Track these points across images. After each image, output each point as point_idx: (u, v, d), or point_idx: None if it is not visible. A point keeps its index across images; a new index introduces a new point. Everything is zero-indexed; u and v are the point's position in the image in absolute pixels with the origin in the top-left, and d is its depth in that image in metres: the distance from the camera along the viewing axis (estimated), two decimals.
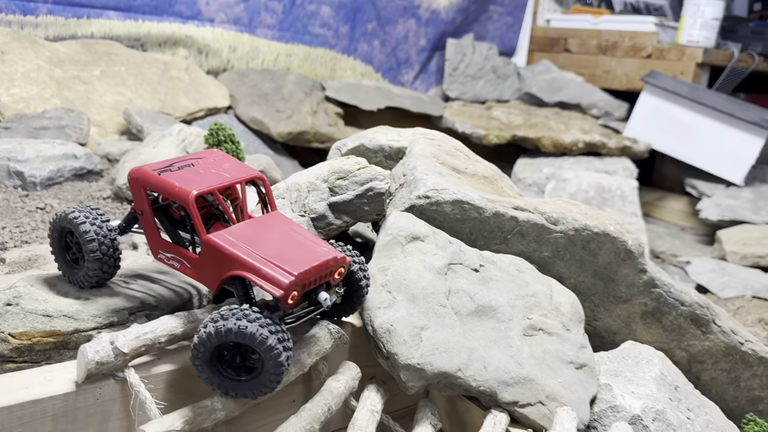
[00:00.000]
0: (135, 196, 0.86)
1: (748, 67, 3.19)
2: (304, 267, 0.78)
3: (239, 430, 0.90)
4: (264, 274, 0.76)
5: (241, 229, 0.83)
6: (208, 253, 0.80)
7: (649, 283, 1.13)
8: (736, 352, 1.16)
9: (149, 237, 0.86)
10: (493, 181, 1.32)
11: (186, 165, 0.87)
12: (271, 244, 0.81)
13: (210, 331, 0.71)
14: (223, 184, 0.85)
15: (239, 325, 0.71)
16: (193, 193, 0.80)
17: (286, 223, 0.87)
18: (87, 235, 0.87)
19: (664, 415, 0.97)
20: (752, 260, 2.35)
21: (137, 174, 0.85)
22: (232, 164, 0.90)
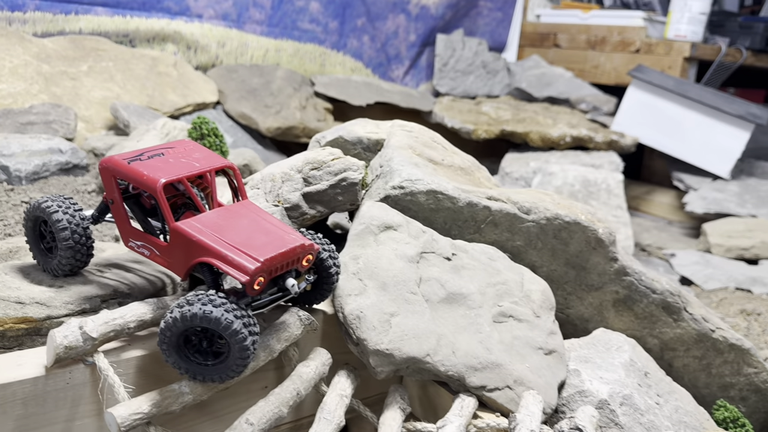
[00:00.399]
0: (106, 185, 0.87)
1: (735, 62, 3.20)
2: (271, 253, 0.79)
3: (212, 415, 0.91)
4: (230, 261, 0.77)
5: (209, 217, 0.84)
6: (177, 240, 0.81)
7: (620, 271, 1.15)
8: (708, 339, 1.18)
9: (120, 225, 0.88)
10: (470, 172, 1.33)
11: (156, 154, 0.88)
12: (239, 232, 0.82)
13: (176, 316, 0.73)
14: (191, 173, 0.86)
15: (204, 310, 0.72)
16: (161, 182, 0.81)
17: (256, 211, 0.88)
18: (60, 224, 0.88)
19: (631, 399, 0.99)
20: (736, 252, 2.37)
21: (108, 163, 0.86)
22: (203, 154, 0.91)
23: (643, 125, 2.84)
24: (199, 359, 0.77)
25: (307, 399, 0.99)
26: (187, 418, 0.88)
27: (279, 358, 0.93)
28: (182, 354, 0.76)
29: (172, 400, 0.75)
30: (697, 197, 2.66)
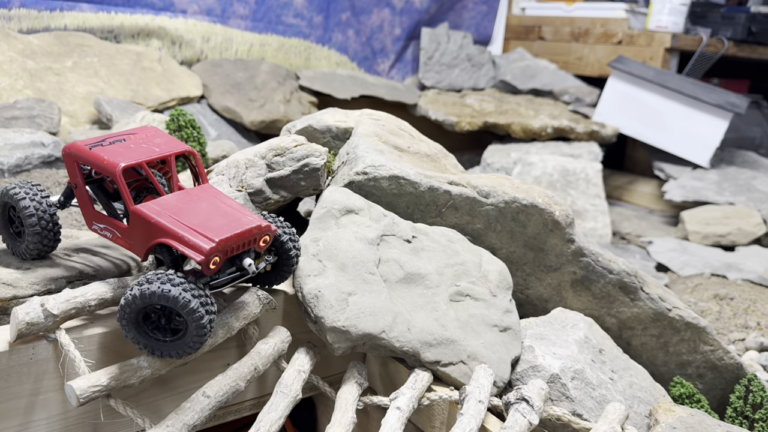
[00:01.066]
0: (69, 170, 0.90)
1: (717, 52, 3.23)
2: (226, 234, 0.82)
3: (174, 392, 0.95)
4: (186, 241, 0.80)
5: (168, 200, 0.87)
6: (136, 222, 0.84)
7: (577, 252, 1.18)
8: (664, 318, 1.21)
9: (83, 209, 0.91)
10: (436, 159, 1.37)
11: (118, 140, 0.90)
12: (197, 214, 0.85)
13: (135, 293, 0.76)
14: (151, 158, 0.89)
15: (162, 288, 0.76)
16: (121, 166, 0.84)
17: (216, 195, 0.91)
18: (27, 210, 0.91)
19: (583, 374, 1.02)
20: (713, 239, 2.41)
21: (70, 149, 0.89)
22: (164, 139, 0.94)
23: (624, 115, 2.88)
24: (158, 335, 0.80)
25: (270, 377, 1.03)
26: (150, 394, 0.91)
27: (240, 337, 0.97)
28: (141, 330, 0.80)
29: (130, 374, 0.78)
30: (677, 186, 2.70)
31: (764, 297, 2.06)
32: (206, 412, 0.80)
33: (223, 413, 0.99)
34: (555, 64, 3.45)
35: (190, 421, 0.78)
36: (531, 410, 0.85)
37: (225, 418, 0.99)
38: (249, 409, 1.02)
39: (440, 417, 0.97)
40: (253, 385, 1.01)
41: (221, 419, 0.99)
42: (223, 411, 0.99)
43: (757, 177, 2.80)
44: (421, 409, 0.98)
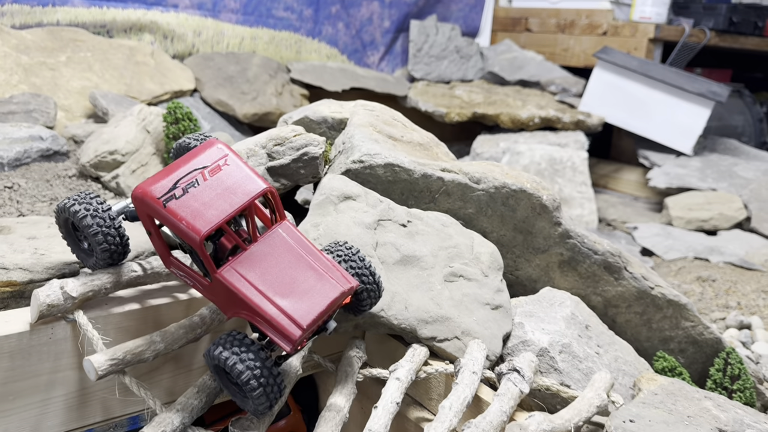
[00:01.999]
0: (141, 217, 0.82)
1: (699, 42, 3.31)
2: (314, 314, 0.77)
3: (185, 369, 1.00)
4: (275, 326, 0.76)
5: (251, 261, 0.80)
6: (220, 285, 0.78)
7: (564, 234, 1.24)
8: (647, 296, 1.28)
9: (160, 254, 0.84)
10: (428, 148, 1.42)
11: (191, 184, 0.80)
12: (281, 280, 0.79)
13: (210, 353, 0.76)
14: (231, 214, 0.79)
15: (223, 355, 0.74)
16: (202, 234, 0.76)
17: (298, 242, 0.84)
18: (91, 229, 0.83)
19: (570, 348, 1.08)
20: (696, 224, 2.48)
21: (143, 200, 0.79)
22: (238, 177, 0.83)
23: (609, 105, 2.94)
24: (232, 388, 0.80)
25: None
26: (162, 371, 0.96)
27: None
28: (221, 377, 0.80)
29: (145, 348, 0.83)
30: (661, 173, 2.77)
31: (744, 278, 2.14)
32: (213, 396, 0.85)
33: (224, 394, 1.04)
34: (542, 56, 3.51)
35: (198, 404, 0.83)
36: (522, 380, 0.91)
37: (227, 397, 1.04)
38: None
39: (437, 390, 1.03)
40: None
41: (224, 397, 1.04)
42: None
43: (739, 163, 2.88)
44: (418, 383, 1.03)
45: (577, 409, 0.88)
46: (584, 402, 0.89)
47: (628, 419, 0.84)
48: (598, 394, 0.92)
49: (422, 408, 1.07)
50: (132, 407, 0.94)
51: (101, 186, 1.73)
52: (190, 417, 0.80)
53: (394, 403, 0.89)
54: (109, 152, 1.71)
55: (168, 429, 0.76)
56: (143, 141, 1.76)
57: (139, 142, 1.75)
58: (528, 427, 0.80)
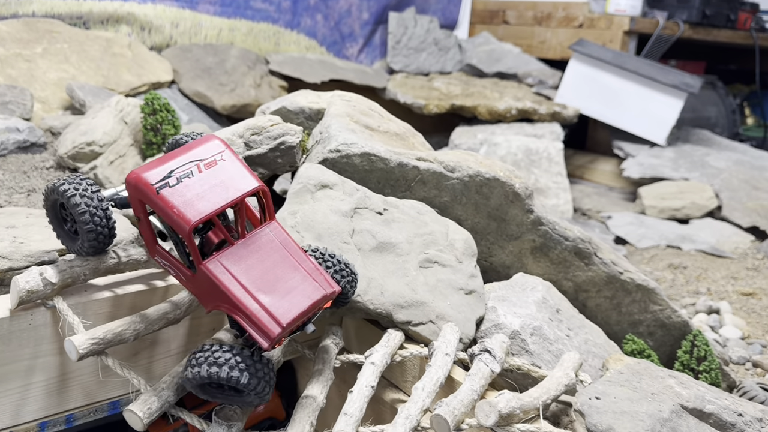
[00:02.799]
0: (133, 202, 0.81)
1: (673, 35, 3.36)
2: (294, 314, 0.78)
3: (168, 353, 1.01)
4: (255, 321, 0.76)
5: (237, 256, 0.80)
6: (204, 276, 0.78)
7: (536, 221, 1.28)
8: (616, 280, 1.32)
9: (147, 241, 0.84)
10: (405, 137, 1.44)
11: (185, 175, 0.80)
12: (265, 278, 0.80)
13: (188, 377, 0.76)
14: (222, 207, 0.80)
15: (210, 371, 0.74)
16: (191, 224, 0.76)
17: (285, 243, 0.85)
18: (78, 207, 0.83)
19: (541, 330, 1.12)
20: (669, 213, 2.54)
21: (136, 185, 0.79)
22: (233, 172, 0.83)
23: (585, 97, 2.99)
24: (225, 393, 0.80)
25: None
26: (145, 356, 0.98)
27: None
28: (209, 392, 0.80)
29: (125, 327, 0.84)
30: (635, 163, 2.82)
31: (715, 266, 2.20)
32: None
33: None
34: (519, 48, 3.55)
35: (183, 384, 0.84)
36: (493, 360, 0.94)
37: None
38: None
39: (412, 372, 1.06)
40: None
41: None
42: None
43: (711, 154, 2.94)
44: (394, 366, 1.06)
45: (545, 387, 0.91)
46: (553, 381, 0.93)
47: (594, 396, 0.87)
48: (566, 374, 0.95)
49: (398, 390, 1.09)
50: (112, 392, 0.96)
51: None
52: (175, 396, 0.81)
53: (369, 387, 0.91)
54: (86, 143, 1.71)
55: (153, 407, 0.78)
56: (121, 132, 1.76)
57: (117, 133, 1.75)
58: (497, 404, 0.83)
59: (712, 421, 0.90)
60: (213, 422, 0.81)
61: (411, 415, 0.85)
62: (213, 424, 0.81)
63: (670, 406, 0.87)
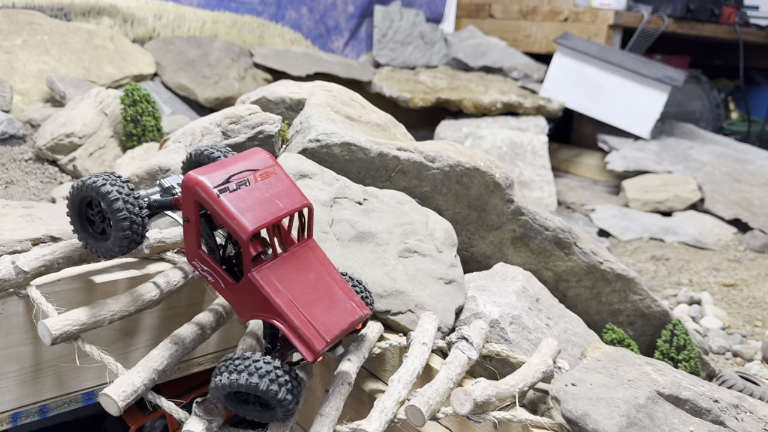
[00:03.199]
0: (186, 203, 0.80)
1: (658, 29, 3.37)
2: (337, 331, 0.80)
3: (144, 344, 1.00)
4: (300, 335, 0.77)
5: (282, 269, 0.81)
6: (248, 286, 0.78)
7: (516, 211, 1.28)
8: (596, 270, 1.32)
9: (188, 243, 0.82)
10: (386, 128, 1.44)
11: (243, 182, 0.81)
12: (307, 293, 0.81)
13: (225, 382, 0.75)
14: (276, 217, 0.80)
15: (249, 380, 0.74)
16: (250, 231, 0.76)
17: (322, 261, 0.87)
18: (120, 213, 0.80)
19: (520, 320, 1.12)
20: (652, 206, 2.55)
21: (195, 187, 0.78)
22: (284, 186, 0.85)
23: (569, 90, 2.99)
24: (249, 406, 0.80)
25: (231, 332, 1.10)
26: (120, 346, 0.97)
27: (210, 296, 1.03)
28: (233, 404, 0.79)
29: (99, 310, 0.83)
30: (618, 156, 2.83)
31: (697, 257, 2.21)
32: (174, 358, 0.85)
33: (186, 365, 1.05)
34: (505, 42, 3.55)
35: (159, 367, 0.83)
36: (470, 347, 0.94)
37: (189, 369, 1.06)
38: (211, 362, 1.08)
39: (391, 362, 1.06)
40: (216, 338, 1.08)
41: (185, 371, 1.05)
42: (186, 363, 1.05)
43: (694, 147, 2.96)
44: (373, 357, 1.05)
45: (522, 374, 0.91)
46: (530, 368, 0.93)
47: (570, 383, 0.87)
48: (544, 360, 0.95)
49: (378, 380, 1.09)
50: (86, 383, 0.95)
51: (58, 169, 1.72)
52: (151, 380, 0.80)
53: (346, 384, 0.90)
54: (65, 135, 1.69)
55: (129, 389, 0.76)
56: (101, 123, 1.74)
57: (97, 124, 1.73)
58: (473, 392, 0.82)
59: (688, 407, 0.90)
60: (193, 415, 0.79)
61: (386, 408, 0.84)
62: (193, 417, 0.79)
63: (646, 392, 0.87)
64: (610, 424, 0.80)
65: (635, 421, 0.82)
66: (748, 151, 3.06)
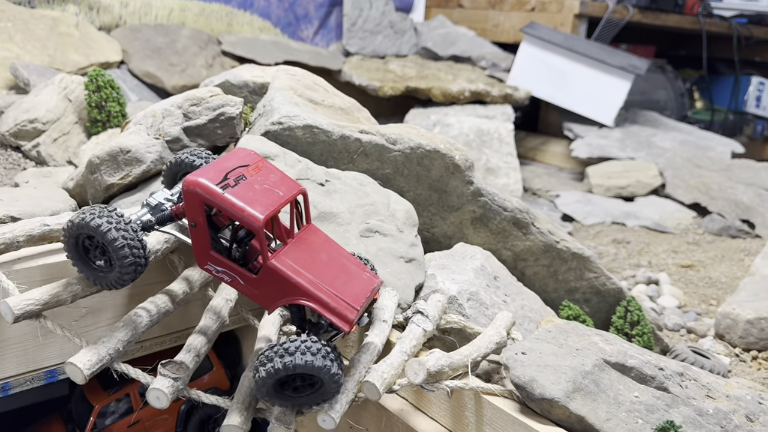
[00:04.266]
0: (190, 207, 0.80)
1: (623, 19, 3.43)
2: (363, 300, 0.84)
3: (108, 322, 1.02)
4: (332, 309, 0.80)
5: (296, 253, 0.83)
6: (269, 276, 0.80)
7: (476, 192, 1.31)
8: (553, 249, 1.36)
9: (197, 247, 0.83)
10: (350, 112, 1.46)
11: (240, 177, 0.83)
12: (325, 271, 0.84)
13: (278, 367, 0.76)
14: (280, 204, 0.82)
15: (306, 359, 0.76)
16: (262, 220, 0.78)
17: (326, 241, 0.90)
18: (116, 243, 0.80)
19: (477, 296, 1.15)
20: (615, 191, 2.61)
21: (196, 188, 0.79)
22: (277, 176, 0.88)
23: (536, 79, 3.04)
24: (296, 393, 0.81)
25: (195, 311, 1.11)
26: (84, 323, 0.98)
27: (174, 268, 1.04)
28: (278, 393, 0.80)
29: (61, 289, 0.84)
30: (583, 144, 2.89)
31: (657, 240, 2.28)
32: (139, 330, 0.86)
33: (150, 344, 1.07)
34: (473, 32, 3.58)
35: (124, 338, 0.84)
36: (426, 319, 0.97)
37: (151, 348, 1.07)
38: (174, 341, 1.10)
39: (352, 337, 1.08)
40: (179, 317, 1.09)
41: (148, 350, 1.07)
42: (150, 342, 1.07)
43: (657, 134, 3.03)
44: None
45: (476, 345, 0.94)
46: (484, 339, 0.96)
47: (521, 352, 0.91)
48: (498, 332, 0.99)
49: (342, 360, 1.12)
50: (49, 360, 0.96)
51: (22, 155, 1.71)
52: (116, 350, 0.81)
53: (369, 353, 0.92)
54: (29, 121, 1.68)
55: (94, 358, 0.78)
56: (65, 110, 1.74)
57: (61, 110, 1.73)
58: (426, 362, 0.86)
59: (634, 374, 0.94)
60: (159, 375, 0.80)
61: (348, 389, 0.85)
62: (159, 376, 0.80)
63: (593, 360, 0.91)
64: (556, 389, 0.84)
65: (581, 387, 0.86)
66: (709, 138, 3.14)
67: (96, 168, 1.12)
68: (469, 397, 0.90)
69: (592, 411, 0.84)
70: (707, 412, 0.93)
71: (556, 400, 0.83)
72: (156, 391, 0.78)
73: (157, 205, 0.89)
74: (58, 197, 1.13)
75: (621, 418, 0.85)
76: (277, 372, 0.76)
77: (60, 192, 1.18)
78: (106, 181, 1.11)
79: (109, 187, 1.11)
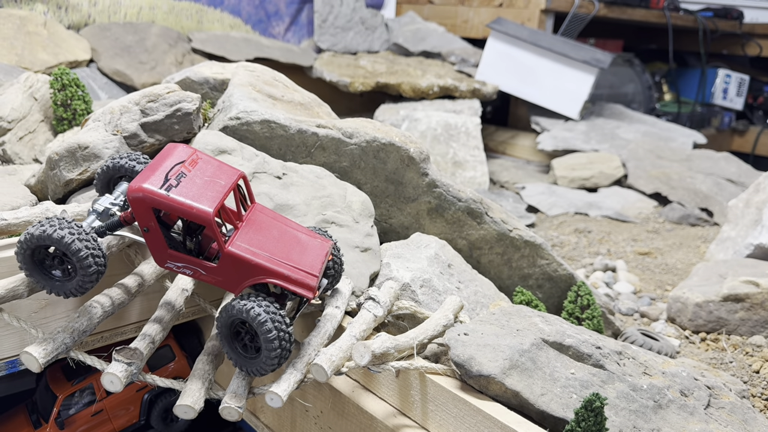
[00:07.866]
0: (139, 215, 0.82)
1: (589, 13, 3.50)
2: (319, 265, 0.89)
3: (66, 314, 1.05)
4: (294, 280, 0.85)
5: (248, 235, 0.88)
6: (229, 262, 0.84)
7: (431, 184, 1.35)
8: (506, 238, 1.41)
9: (154, 250, 0.86)
10: (309, 107, 1.50)
11: (180, 175, 0.85)
12: (279, 246, 0.89)
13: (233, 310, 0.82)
14: (225, 194, 0.86)
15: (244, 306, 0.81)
16: (212, 212, 0.81)
17: (274, 217, 0.95)
18: (81, 253, 0.81)
19: (430, 283, 1.20)
20: (579, 183, 2.68)
21: (145, 195, 0.81)
22: (213, 166, 0.90)
23: (503, 74, 3.10)
24: (244, 353, 0.86)
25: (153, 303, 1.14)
26: (43, 315, 1.01)
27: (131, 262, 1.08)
28: (230, 341, 0.86)
29: (18, 283, 0.87)
30: (549, 137, 2.95)
31: (618, 230, 2.34)
32: (94, 320, 0.90)
33: (109, 334, 1.10)
34: (443, 27, 3.63)
35: (80, 328, 0.88)
36: (377, 305, 1.01)
37: (111, 339, 1.10)
38: (133, 332, 1.13)
39: (305, 323, 1.12)
40: (137, 309, 1.12)
41: (107, 340, 1.10)
42: (110, 332, 1.10)
43: (621, 126, 3.10)
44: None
45: (423, 328, 0.99)
46: (431, 322, 1.01)
47: (463, 333, 0.95)
48: (445, 316, 1.03)
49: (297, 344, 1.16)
50: (9, 352, 0.99)
51: None
52: (72, 338, 0.84)
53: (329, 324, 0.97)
54: None
55: (49, 347, 0.81)
56: (30, 108, 1.75)
57: (26, 109, 1.74)
58: (371, 345, 0.90)
59: (571, 353, 0.99)
60: (113, 360, 0.83)
61: (297, 370, 0.89)
62: (113, 362, 0.83)
63: (531, 339, 0.96)
64: (492, 366, 0.89)
65: (517, 364, 0.91)
66: (672, 129, 3.22)
67: (55, 164, 1.14)
68: (415, 377, 0.95)
69: (528, 387, 0.89)
70: (641, 387, 0.99)
71: (493, 376, 0.87)
72: (110, 375, 0.82)
73: (104, 211, 0.91)
74: (18, 193, 1.16)
75: (556, 393, 0.90)
76: (236, 312, 0.82)
77: (21, 188, 1.20)
78: (65, 176, 1.14)
79: (68, 182, 1.14)
